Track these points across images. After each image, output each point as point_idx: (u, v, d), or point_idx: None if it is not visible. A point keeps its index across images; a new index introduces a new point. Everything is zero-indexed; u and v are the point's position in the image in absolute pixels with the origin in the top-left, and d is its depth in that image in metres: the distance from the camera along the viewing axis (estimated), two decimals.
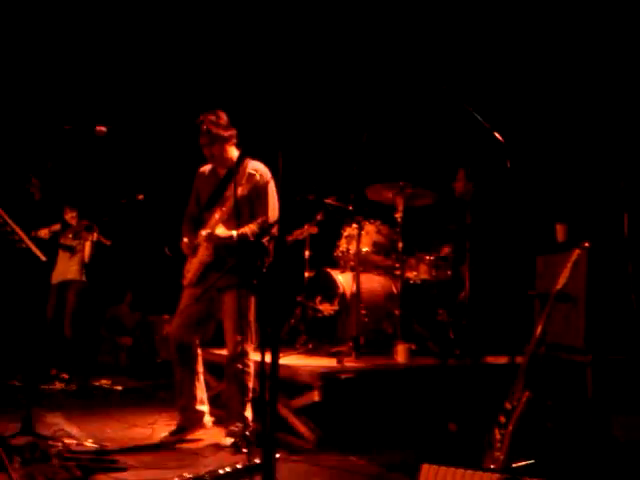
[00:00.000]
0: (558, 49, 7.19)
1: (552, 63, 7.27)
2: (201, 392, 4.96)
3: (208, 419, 4.98)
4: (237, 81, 8.14)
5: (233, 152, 4.89)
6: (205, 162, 5.05)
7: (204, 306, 4.82)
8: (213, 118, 4.78)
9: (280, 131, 3.11)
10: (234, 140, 4.88)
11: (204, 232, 4.72)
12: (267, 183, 4.75)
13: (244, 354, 4.69)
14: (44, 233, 7.70)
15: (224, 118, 4.82)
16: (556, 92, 7.25)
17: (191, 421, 4.87)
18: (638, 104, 6.55)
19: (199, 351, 4.96)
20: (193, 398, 4.90)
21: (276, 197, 4.73)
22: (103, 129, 4.72)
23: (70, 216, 7.89)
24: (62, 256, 7.85)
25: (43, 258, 4.82)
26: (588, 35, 6.95)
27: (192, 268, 4.82)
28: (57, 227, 7.85)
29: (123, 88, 8.66)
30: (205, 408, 4.97)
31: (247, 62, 8.20)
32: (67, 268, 7.79)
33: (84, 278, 7.80)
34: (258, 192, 4.73)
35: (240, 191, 4.62)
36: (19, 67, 8.14)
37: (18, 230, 4.54)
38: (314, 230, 6.72)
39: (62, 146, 4.63)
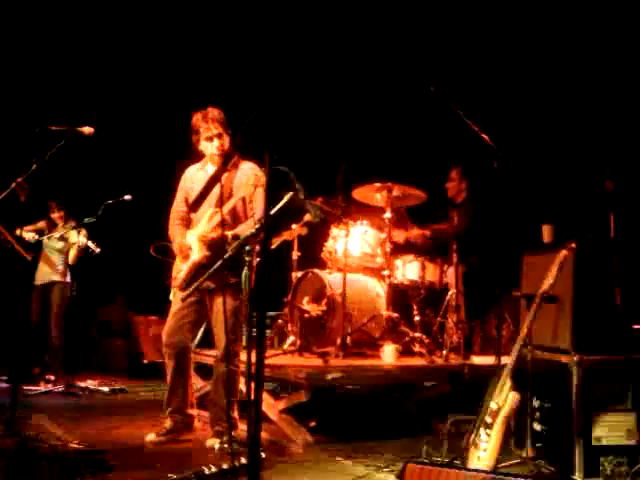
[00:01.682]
0: (545, 51, 7.22)
1: (540, 65, 7.30)
2: (191, 395, 4.94)
3: (196, 423, 4.96)
4: (224, 81, 8.12)
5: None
6: (189, 162, 5.00)
7: (196, 308, 4.78)
8: (218, 110, 4.73)
9: (267, 131, 3.11)
10: (230, 139, 4.81)
11: (199, 233, 4.67)
12: (260, 181, 4.67)
13: (234, 355, 4.67)
14: (29, 231, 7.64)
15: (223, 114, 4.78)
16: (543, 94, 7.27)
17: (181, 425, 4.84)
18: (623, 105, 6.58)
19: (191, 353, 4.94)
20: (185, 402, 4.87)
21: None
22: (90, 129, 4.70)
23: (57, 216, 7.85)
24: (47, 257, 7.80)
25: (28, 258, 4.80)
26: (574, 38, 6.98)
27: (184, 270, 4.74)
28: (42, 224, 7.81)
29: (110, 88, 8.62)
30: (194, 412, 4.95)
31: (234, 62, 8.18)
32: (52, 269, 7.75)
33: (69, 279, 7.76)
34: (255, 193, 4.68)
35: (242, 191, 4.58)
36: (3, 68, 8.09)
37: (3, 230, 4.52)
38: (303, 231, 6.72)
39: (48, 147, 4.61)
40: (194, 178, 4.91)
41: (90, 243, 7.50)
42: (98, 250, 7.55)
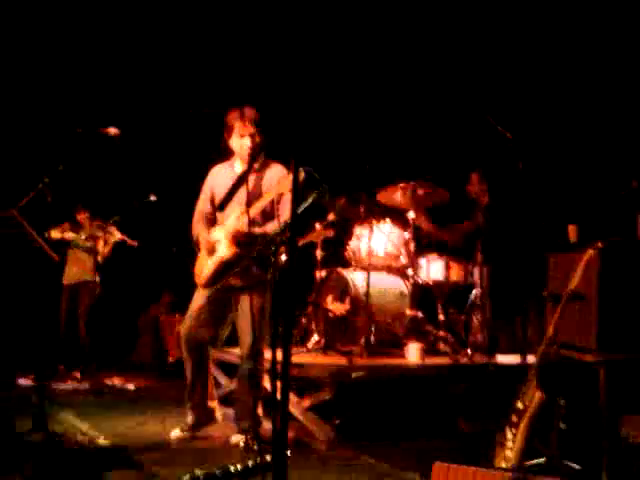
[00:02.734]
0: (570, 51, 7.18)
1: (564, 65, 7.26)
2: (211, 388, 4.98)
3: (218, 414, 5.00)
4: (249, 82, 8.15)
5: None
6: (214, 161, 5.04)
7: (218, 305, 4.80)
8: (255, 112, 4.76)
9: (292, 131, 3.12)
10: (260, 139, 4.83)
11: (228, 230, 4.68)
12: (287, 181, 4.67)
13: (259, 353, 4.68)
14: (56, 233, 7.72)
15: None
16: (568, 93, 7.24)
17: (202, 418, 4.89)
18: None
19: (210, 348, 4.96)
20: (204, 396, 4.90)
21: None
22: (115, 130, 4.74)
23: (82, 217, 7.93)
24: (75, 257, 7.88)
25: (56, 258, 4.85)
26: (601, 36, 6.93)
27: (209, 267, 4.75)
28: (67, 226, 7.89)
29: (135, 89, 8.69)
30: (214, 404, 4.98)
31: (259, 64, 8.21)
32: (83, 269, 7.82)
33: (98, 278, 7.84)
34: (285, 194, 4.70)
35: (277, 190, 4.59)
36: (31, 70, 8.18)
37: (31, 231, 4.57)
38: (330, 233, 6.72)
39: (74, 148, 4.65)
40: (221, 177, 4.91)
41: (126, 237, 7.62)
42: (135, 243, 7.66)
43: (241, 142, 4.78)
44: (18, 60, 8.03)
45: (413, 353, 5.61)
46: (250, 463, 3.91)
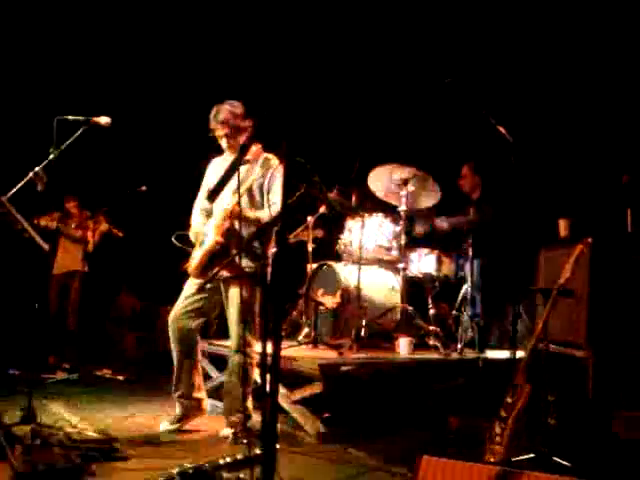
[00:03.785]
0: (562, 45, 7.18)
1: (556, 59, 7.26)
2: (199, 379, 4.95)
3: (206, 404, 4.98)
4: (241, 72, 8.12)
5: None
6: (213, 152, 5.02)
7: (207, 296, 4.79)
8: (230, 108, 4.76)
9: (284, 122, 3.11)
10: (250, 130, 4.81)
11: (225, 205, 4.63)
12: (279, 171, 4.66)
13: (248, 345, 4.67)
14: (45, 221, 7.68)
15: (241, 108, 4.79)
16: (559, 88, 7.24)
17: (190, 409, 4.87)
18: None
19: (198, 338, 4.94)
20: (192, 386, 4.88)
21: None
22: (107, 120, 4.72)
23: (72, 206, 7.89)
24: (65, 247, 7.85)
25: (46, 248, 4.83)
26: (592, 31, 6.94)
27: (197, 257, 4.75)
28: (57, 215, 7.85)
29: (126, 78, 8.65)
30: (203, 394, 4.96)
31: (251, 53, 8.18)
32: (70, 259, 7.79)
33: (87, 268, 7.81)
34: (272, 178, 4.70)
35: (255, 175, 4.59)
36: (21, 58, 8.13)
37: (22, 220, 4.54)
38: (320, 234, 6.73)
39: (65, 136, 4.63)
40: (216, 169, 4.93)
41: (112, 228, 7.60)
42: (121, 233, 7.64)
43: (220, 141, 4.84)
44: (8, 48, 7.98)
45: (403, 347, 5.62)
46: (239, 456, 3.91)
